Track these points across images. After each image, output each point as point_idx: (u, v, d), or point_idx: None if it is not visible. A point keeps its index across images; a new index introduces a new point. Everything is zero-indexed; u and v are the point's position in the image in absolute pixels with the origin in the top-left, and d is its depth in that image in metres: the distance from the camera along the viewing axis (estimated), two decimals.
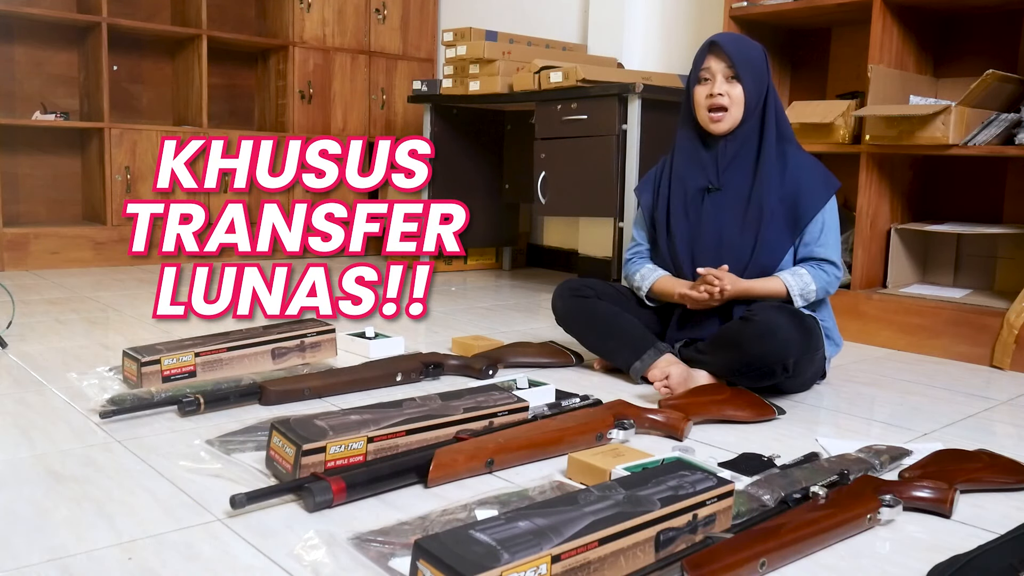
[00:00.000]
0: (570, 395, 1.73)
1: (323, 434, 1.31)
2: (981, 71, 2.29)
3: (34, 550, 1.07)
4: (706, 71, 1.92)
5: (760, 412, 1.74)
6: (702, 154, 1.98)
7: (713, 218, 1.95)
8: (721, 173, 1.95)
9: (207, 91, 3.97)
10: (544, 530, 0.95)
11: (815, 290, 1.90)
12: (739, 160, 1.95)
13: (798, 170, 1.93)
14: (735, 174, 1.95)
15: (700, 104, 1.93)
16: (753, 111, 1.92)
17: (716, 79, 1.90)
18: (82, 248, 3.63)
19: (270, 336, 1.94)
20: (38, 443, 1.47)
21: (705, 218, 1.95)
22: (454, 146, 3.75)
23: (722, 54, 1.90)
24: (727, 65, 1.90)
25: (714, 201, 1.95)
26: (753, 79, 1.91)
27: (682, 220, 1.99)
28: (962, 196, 2.75)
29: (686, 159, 2.01)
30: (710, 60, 1.92)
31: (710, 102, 1.91)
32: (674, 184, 2.02)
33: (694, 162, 1.99)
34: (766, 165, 1.91)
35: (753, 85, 1.91)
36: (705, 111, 1.92)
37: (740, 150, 1.94)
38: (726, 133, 1.93)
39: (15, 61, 3.82)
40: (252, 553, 1.09)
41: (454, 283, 3.60)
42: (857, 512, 1.19)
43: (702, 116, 1.94)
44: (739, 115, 1.91)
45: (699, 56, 1.95)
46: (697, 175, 1.98)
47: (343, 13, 4.31)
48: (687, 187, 1.99)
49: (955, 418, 1.81)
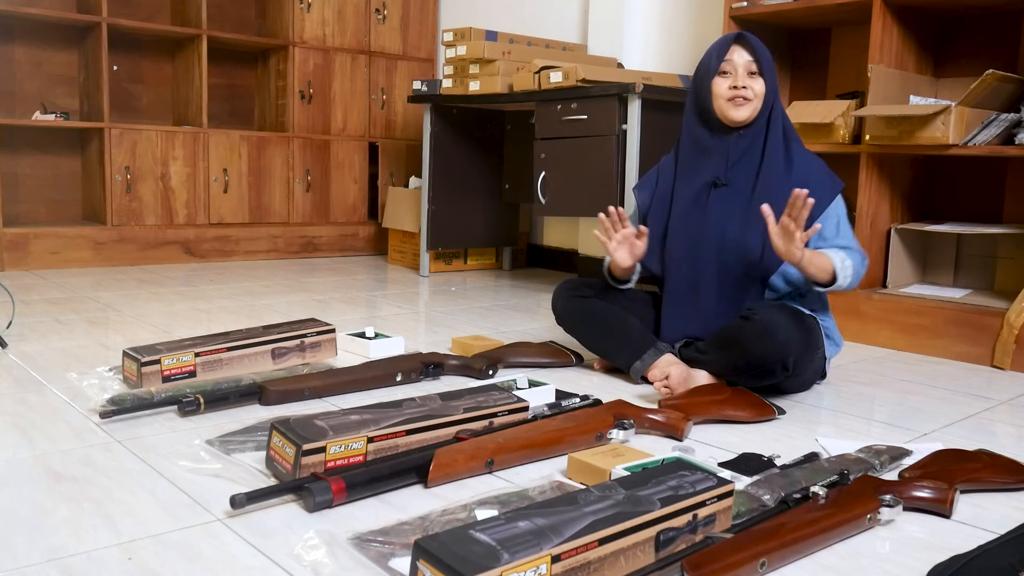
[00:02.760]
0: (570, 395, 1.73)
1: (323, 434, 1.31)
2: (981, 71, 2.29)
3: (34, 550, 1.07)
4: (728, 63, 1.90)
5: (760, 412, 1.74)
6: (710, 149, 1.97)
7: (716, 214, 1.94)
8: (730, 168, 1.95)
9: (207, 91, 3.97)
10: (544, 530, 0.95)
11: (851, 274, 1.85)
12: (748, 157, 1.94)
13: (804, 168, 1.93)
14: (743, 171, 1.94)
15: (720, 95, 1.91)
16: (767, 109, 1.93)
17: (738, 72, 1.89)
18: (82, 248, 3.63)
19: (270, 336, 1.94)
20: (38, 443, 1.47)
21: (709, 214, 1.95)
22: (454, 146, 3.75)
23: (749, 47, 1.90)
24: (751, 59, 1.89)
25: (719, 196, 1.95)
26: (771, 77, 1.92)
27: (682, 217, 1.98)
28: (962, 196, 2.75)
29: (694, 152, 1.99)
30: (734, 52, 1.90)
31: (733, 93, 1.89)
32: (679, 180, 2.01)
33: (702, 156, 1.98)
34: (771, 163, 1.91)
35: (771, 83, 1.92)
36: (726, 100, 1.90)
37: (750, 146, 1.94)
38: (745, 122, 1.92)
39: (15, 61, 3.82)
40: (252, 553, 1.09)
41: (454, 283, 3.60)
42: (857, 512, 1.19)
43: (720, 105, 1.91)
44: (759, 108, 1.91)
45: (719, 49, 1.93)
46: (705, 169, 1.97)
47: (343, 13, 4.31)
48: (694, 181, 1.98)
49: (955, 418, 1.81)
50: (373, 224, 4.46)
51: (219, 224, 3.99)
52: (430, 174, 3.69)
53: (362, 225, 4.45)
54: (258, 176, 4.10)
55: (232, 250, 4.03)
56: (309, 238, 4.27)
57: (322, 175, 4.30)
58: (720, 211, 1.94)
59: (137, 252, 3.77)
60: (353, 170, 4.39)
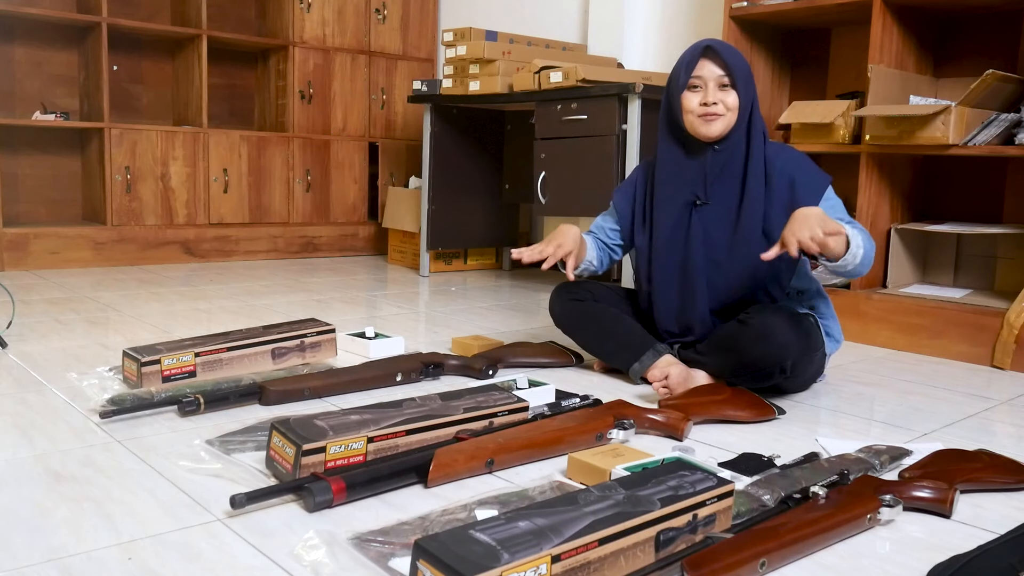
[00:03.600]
0: (570, 395, 1.74)
1: (323, 434, 1.31)
2: (981, 71, 2.29)
3: (34, 550, 1.07)
4: (697, 78, 1.82)
5: (760, 412, 1.74)
6: (686, 166, 1.89)
7: (701, 236, 1.88)
8: (708, 186, 1.88)
9: (207, 91, 3.97)
10: (544, 530, 0.95)
11: (862, 254, 1.68)
12: (727, 173, 1.87)
13: (789, 168, 1.86)
14: (722, 188, 1.88)
15: (690, 110, 1.83)
16: (742, 122, 1.85)
17: (708, 87, 1.81)
18: (82, 248, 3.63)
19: (270, 336, 1.94)
20: (38, 443, 1.47)
21: (693, 236, 1.88)
22: (454, 146, 3.75)
23: (718, 60, 1.81)
24: (722, 72, 1.81)
25: (701, 216, 1.88)
26: (745, 88, 1.83)
27: (665, 240, 1.92)
28: (962, 196, 2.75)
29: (670, 173, 1.92)
30: (703, 66, 1.82)
31: (704, 110, 1.81)
32: (657, 198, 1.94)
33: (678, 176, 1.90)
34: (755, 180, 1.85)
35: (745, 94, 1.83)
36: (696, 116, 1.83)
37: (728, 162, 1.86)
38: (718, 138, 1.84)
39: (15, 61, 3.82)
40: (252, 553, 1.09)
41: (454, 283, 3.60)
42: (857, 512, 1.19)
43: (691, 121, 1.84)
44: (733, 122, 1.83)
45: (688, 62, 1.84)
46: (682, 188, 1.90)
47: (343, 13, 4.31)
48: (673, 201, 1.91)
49: (955, 418, 1.81)
50: (373, 224, 4.46)
51: (219, 224, 3.99)
52: (430, 174, 3.69)
53: (362, 225, 4.45)
54: (258, 176, 4.10)
55: (232, 250, 4.03)
56: (309, 238, 4.27)
57: (322, 175, 4.30)
58: (704, 232, 1.88)
59: (137, 252, 3.77)
60: (353, 170, 4.39)
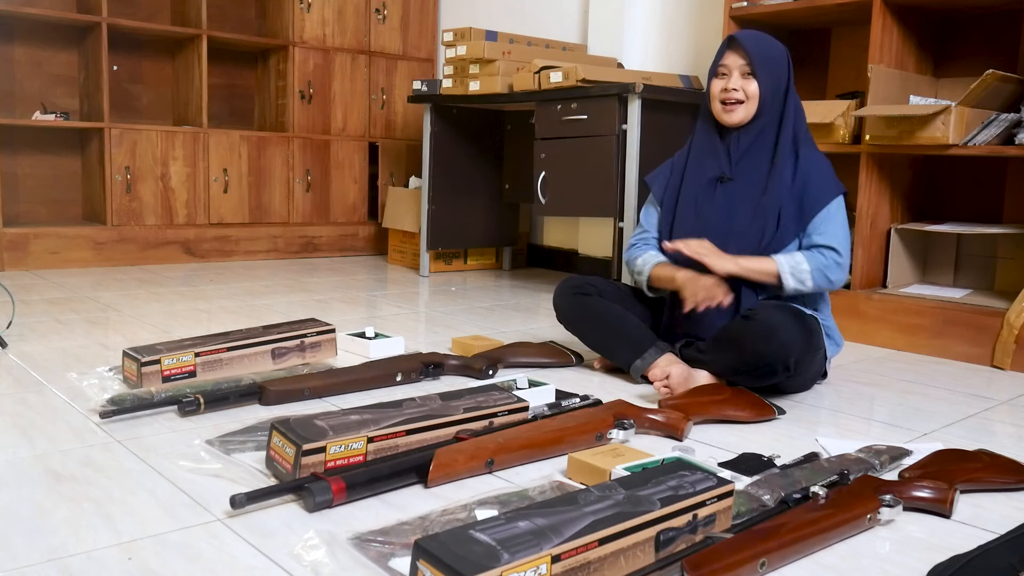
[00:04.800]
0: (570, 395, 1.74)
1: (323, 434, 1.31)
2: (981, 71, 2.29)
3: (34, 550, 1.07)
4: (723, 67, 1.96)
5: (760, 412, 1.74)
6: (717, 145, 2.01)
7: (724, 208, 1.97)
8: (734, 164, 1.98)
9: (207, 91, 3.97)
10: (544, 530, 0.95)
11: (808, 270, 1.87)
12: (752, 153, 1.97)
13: (809, 167, 1.94)
14: (748, 166, 1.97)
15: (715, 97, 1.98)
16: (769, 107, 1.95)
17: (732, 74, 1.94)
18: (82, 248, 3.63)
19: (270, 336, 1.94)
20: (38, 443, 1.47)
21: (716, 207, 1.98)
22: (454, 146, 3.75)
23: (740, 50, 1.94)
24: (745, 62, 1.93)
25: (726, 191, 1.98)
26: (770, 76, 1.94)
27: (690, 208, 2.01)
28: (962, 196, 2.75)
29: (702, 149, 2.05)
30: (728, 56, 1.95)
31: (724, 96, 1.95)
32: (688, 174, 2.05)
33: (709, 152, 2.03)
34: (781, 160, 1.94)
35: (769, 82, 1.94)
36: (719, 103, 1.96)
37: (754, 143, 1.97)
38: (739, 125, 1.97)
39: (15, 61, 3.82)
40: (252, 553, 1.09)
41: (454, 283, 3.60)
42: (857, 512, 1.19)
43: (715, 108, 1.98)
44: (753, 109, 1.95)
45: (719, 51, 1.99)
46: (711, 164, 2.01)
47: (343, 13, 4.31)
48: (701, 176, 2.02)
49: (955, 418, 1.81)
50: (373, 224, 4.46)
51: (219, 224, 3.99)
52: (430, 174, 3.69)
53: (362, 225, 4.45)
54: (258, 176, 4.10)
55: (232, 250, 4.03)
56: (309, 238, 4.27)
57: (322, 175, 4.30)
58: (727, 205, 1.97)
59: (137, 252, 3.77)
60: (353, 170, 4.39)
